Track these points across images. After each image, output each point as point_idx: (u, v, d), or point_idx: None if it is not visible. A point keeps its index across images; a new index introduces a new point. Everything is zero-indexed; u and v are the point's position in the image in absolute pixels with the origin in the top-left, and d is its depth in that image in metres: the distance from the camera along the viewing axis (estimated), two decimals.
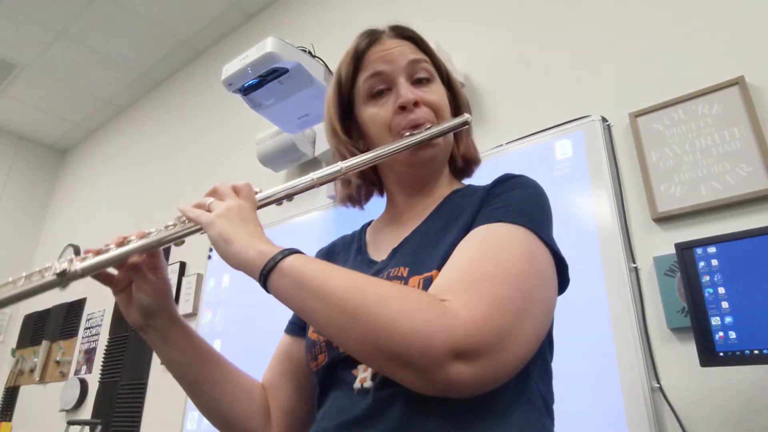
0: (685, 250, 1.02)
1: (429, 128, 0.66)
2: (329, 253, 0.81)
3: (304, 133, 2.10)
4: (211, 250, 2.43)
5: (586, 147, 1.39)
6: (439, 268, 0.57)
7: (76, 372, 3.07)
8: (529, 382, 0.56)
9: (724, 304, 0.95)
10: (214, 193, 0.65)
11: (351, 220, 0.86)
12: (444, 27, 1.96)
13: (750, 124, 1.19)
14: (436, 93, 0.70)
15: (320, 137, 2.09)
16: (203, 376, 0.69)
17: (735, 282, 0.95)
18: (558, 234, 0.61)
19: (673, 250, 1.07)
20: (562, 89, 1.56)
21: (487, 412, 0.52)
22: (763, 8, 1.28)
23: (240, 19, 3.04)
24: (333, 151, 0.74)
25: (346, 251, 0.78)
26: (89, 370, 2.98)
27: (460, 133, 0.75)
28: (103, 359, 2.89)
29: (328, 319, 0.50)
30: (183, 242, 0.65)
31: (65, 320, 3.39)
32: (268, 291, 0.55)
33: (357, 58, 0.71)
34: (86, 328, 3.18)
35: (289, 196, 0.66)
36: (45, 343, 3.41)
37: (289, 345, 0.76)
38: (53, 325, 3.48)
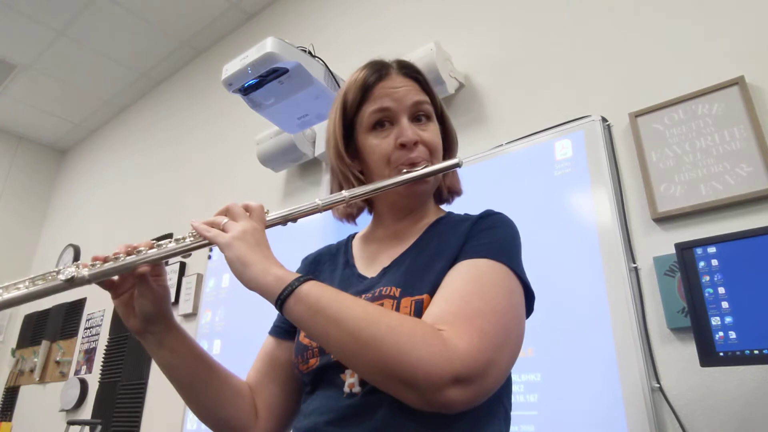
0: (685, 250, 1.02)
1: (425, 167, 0.73)
2: (316, 262, 0.86)
3: (304, 133, 2.10)
4: (211, 250, 2.43)
5: (586, 147, 1.39)
6: (429, 293, 0.64)
7: (76, 372, 3.07)
8: (497, 397, 0.65)
9: (724, 304, 0.95)
10: (227, 212, 0.68)
11: (349, 224, 0.88)
12: (444, 27, 1.96)
13: (750, 124, 1.19)
14: (433, 133, 0.77)
15: (320, 137, 2.09)
16: (196, 378, 0.73)
17: (735, 282, 0.95)
18: (558, 234, 0.63)
19: (673, 250, 1.07)
20: (562, 89, 1.56)
21: (462, 418, 0.59)
22: (763, 8, 1.28)
23: (240, 19, 3.04)
24: (335, 170, 0.80)
25: (333, 262, 0.83)
26: (89, 370, 2.98)
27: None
28: (103, 359, 2.89)
29: (342, 344, 0.56)
30: (190, 255, 0.69)
31: (65, 320, 3.39)
32: (282, 314, 0.60)
33: (365, 89, 0.76)
34: (86, 328, 3.18)
35: (294, 219, 0.72)
36: (45, 343, 3.41)
37: (274, 347, 0.81)
38: (53, 325, 3.48)
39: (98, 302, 3.17)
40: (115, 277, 0.70)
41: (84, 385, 2.92)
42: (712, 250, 0.99)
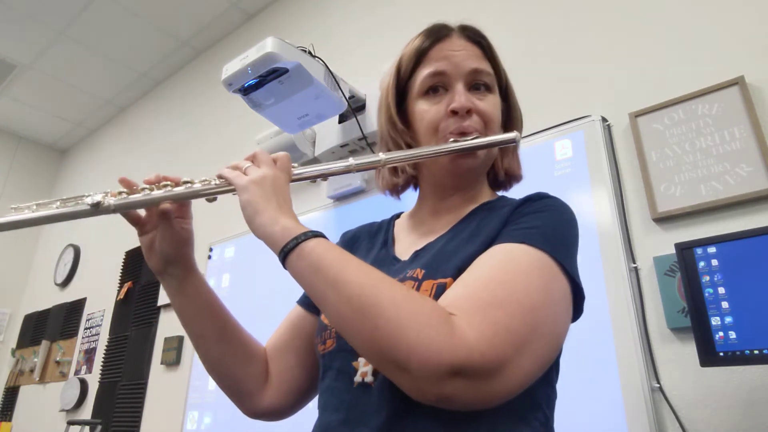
0: (685, 250, 1.02)
1: (475, 138, 0.66)
2: (354, 239, 0.80)
3: (304, 133, 2.10)
4: (211, 250, 2.43)
5: (586, 147, 1.39)
6: (454, 277, 0.57)
7: (76, 372, 3.07)
8: (533, 401, 0.57)
9: (724, 304, 0.95)
10: (253, 158, 0.66)
11: (351, 220, 0.86)
12: None
13: (750, 124, 1.19)
14: (491, 104, 0.70)
15: (320, 137, 2.09)
16: (210, 330, 0.70)
17: (735, 282, 0.95)
18: None
19: (673, 250, 1.07)
20: (562, 89, 1.56)
21: (482, 421, 0.53)
22: (763, 8, 1.28)
23: (240, 19, 3.04)
24: (384, 138, 0.74)
25: (371, 240, 0.78)
26: (89, 370, 2.98)
27: (507, 148, 0.74)
28: (103, 359, 2.89)
29: (338, 310, 0.51)
30: (215, 199, 0.66)
31: (65, 320, 3.39)
32: (285, 268, 0.56)
33: (420, 53, 0.71)
34: (86, 328, 3.18)
35: (324, 176, 0.67)
36: (45, 343, 3.41)
37: (299, 317, 0.77)
38: (53, 325, 3.48)
39: (98, 302, 3.17)
40: (142, 213, 0.69)
41: (84, 385, 2.92)
42: (712, 250, 0.99)
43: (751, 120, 1.19)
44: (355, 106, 1.90)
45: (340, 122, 1.98)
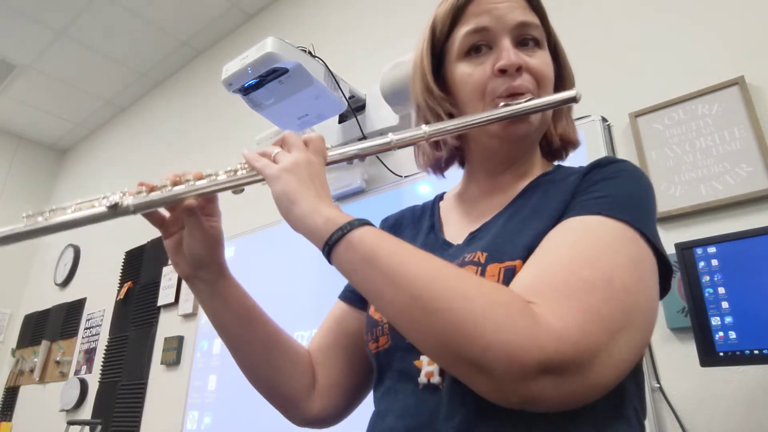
0: (685, 250, 1.02)
1: (529, 100, 0.58)
2: (396, 225, 0.74)
3: (304, 133, 2.10)
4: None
5: (586, 147, 1.39)
6: (523, 259, 0.50)
7: (76, 372, 3.07)
8: (624, 396, 0.51)
9: (724, 304, 0.95)
10: (282, 142, 0.59)
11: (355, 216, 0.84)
12: None
13: (750, 124, 1.19)
14: (542, 60, 0.62)
15: None
16: (248, 336, 0.65)
17: (735, 282, 0.95)
18: None
19: (673, 250, 1.07)
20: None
21: (575, 424, 0.47)
22: (763, 8, 1.28)
23: (240, 19, 3.04)
24: (422, 108, 0.66)
25: (415, 226, 0.72)
26: (89, 370, 2.98)
27: (561, 110, 0.67)
28: (103, 359, 2.89)
29: (398, 307, 0.45)
30: (242, 190, 0.60)
31: (65, 320, 3.39)
32: (331, 263, 0.50)
33: (457, 9, 0.62)
34: (86, 328, 3.18)
35: (361, 156, 0.60)
36: (45, 343, 3.41)
37: (343, 314, 0.71)
38: (53, 325, 3.48)
39: (98, 302, 3.17)
40: (166, 214, 0.64)
41: (84, 385, 2.92)
42: (712, 250, 0.99)
43: (751, 120, 1.19)
44: (355, 106, 1.90)
45: (340, 122, 1.98)
